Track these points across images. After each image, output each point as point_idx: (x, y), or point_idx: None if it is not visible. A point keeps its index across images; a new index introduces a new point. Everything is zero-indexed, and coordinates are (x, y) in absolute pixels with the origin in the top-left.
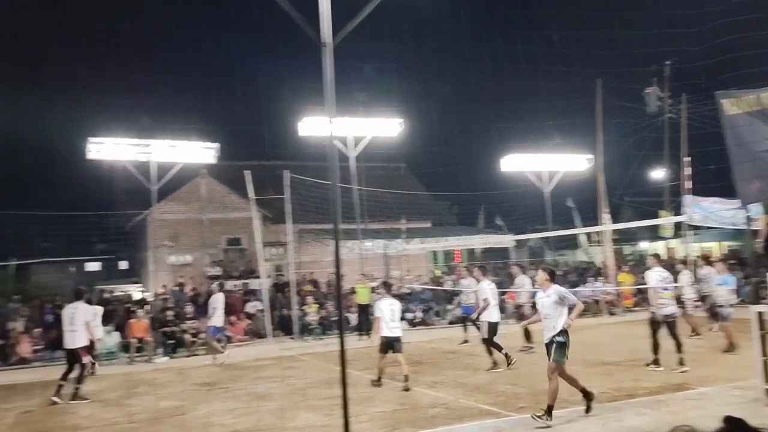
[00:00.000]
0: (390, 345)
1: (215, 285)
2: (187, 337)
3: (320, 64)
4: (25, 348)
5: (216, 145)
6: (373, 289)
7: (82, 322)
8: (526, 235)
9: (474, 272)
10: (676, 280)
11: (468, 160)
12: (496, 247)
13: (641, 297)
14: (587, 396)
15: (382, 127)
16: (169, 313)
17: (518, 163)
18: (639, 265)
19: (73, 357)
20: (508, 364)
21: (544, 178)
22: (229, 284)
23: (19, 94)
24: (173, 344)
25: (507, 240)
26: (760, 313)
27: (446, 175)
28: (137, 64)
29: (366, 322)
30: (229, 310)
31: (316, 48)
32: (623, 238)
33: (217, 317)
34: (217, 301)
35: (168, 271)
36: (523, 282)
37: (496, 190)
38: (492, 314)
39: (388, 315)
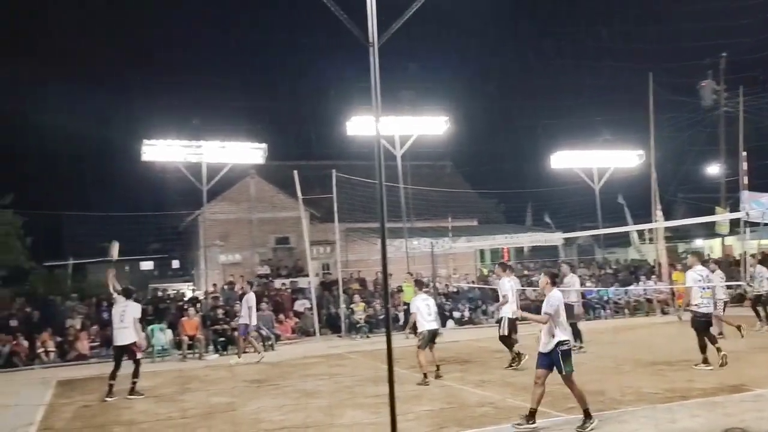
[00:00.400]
0: (432, 339)
1: (246, 284)
2: (237, 334)
3: (367, 64)
4: (82, 345)
5: (264, 145)
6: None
7: (131, 320)
8: (575, 232)
9: (496, 269)
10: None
11: (515, 157)
12: (545, 245)
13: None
14: (587, 414)
15: (428, 125)
16: (219, 311)
17: (567, 159)
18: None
19: (121, 354)
20: (511, 364)
21: (594, 175)
22: (278, 283)
23: (78, 99)
24: (223, 342)
25: (555, 238)
26: None
27: (493, 173)
28: (188, 67)
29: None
30: (278, 308)
31: (362, 48)
32: (677, 235)
33: (249, 316)
34: (250, 299)
35: (218, 269)
36: (572, 281)
37: (544, 188)
38: (512, 311)
39: (425, 310)
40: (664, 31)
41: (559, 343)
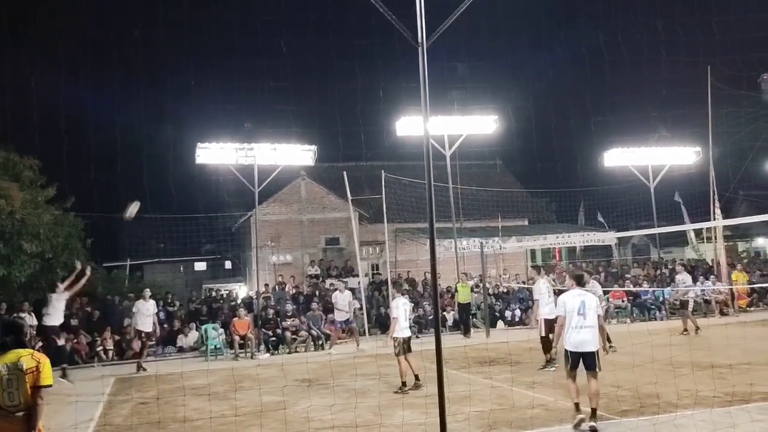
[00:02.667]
0: (408, 345)
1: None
2: (288, 334)
3: (416, 64)
4: (138, 343)
5: (314, 147)
6: (472, 289)
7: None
8: (629, 232)
9: (529, 271)
10: None
11: (567, 155)
12: (598, 245)
13: (756, 297)
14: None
15: (478, 124)
16: (270, 311)
17: (621, 157)
18: (753, 263)
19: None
20: (544, 366)
21: (649, 173)
22: (327, 283)
23: (134, 102)
24: (275, 341)
25: (609, 237)
26: None
27: (544, 172)
28: (241, 70)
29: (466, 320)
30: (328, 308)
31: (412, 48)
32: (737, 234)
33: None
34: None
35: (270, 270)
36: (593, 286)
37: (596, 186)
38: (548, 312)
39: (403, 316)
40: (723, 22)
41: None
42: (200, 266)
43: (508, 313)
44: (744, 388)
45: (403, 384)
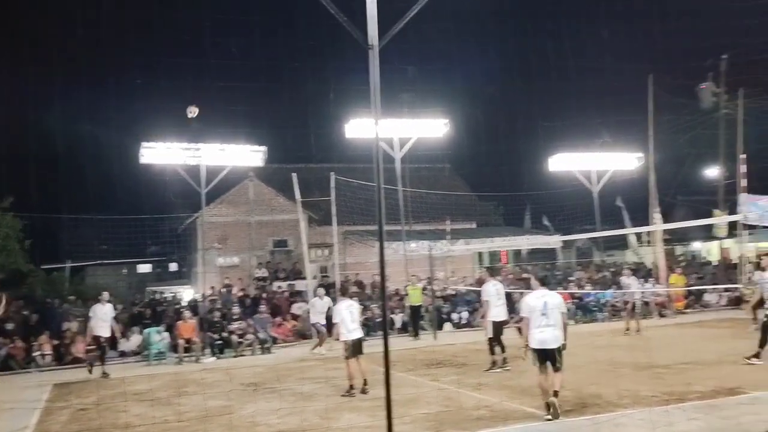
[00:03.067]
0: (358, 348)
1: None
2: (234, 338)
3: (366, 66)
4: (79, 348)
5: (263, 148)
6: (422, 290)
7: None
8: (574, 235)
9: (481, 274)
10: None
11: (514, 159)
12: (543, 247)
13: (693, 298)
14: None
15: (428, 127)
16: (217, 314)
17: (566, 162)
18: (690, 266)
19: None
20: (490, 368)
21: (593, 178)
22: (275, 286)
23: (76, 101)
24: (220, 345)
25: (554, 240)
26: None
27: (492, 176)
28: (188, 69)
29: (417, 322)
30: (276, 311)
31: (362, 50)
32: (675, 238)
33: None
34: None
35: (216, 272)
36: (630, 283)
37: (542, 190)
38: (496, 314)
39: (348, 318)
40: (665, 32)
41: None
42: (144, 268)
43: (455, 316)
44: (681, 388)
45: (351, 387)
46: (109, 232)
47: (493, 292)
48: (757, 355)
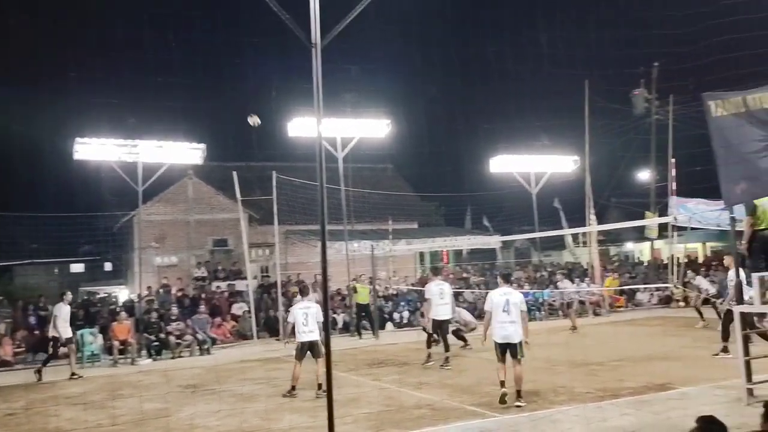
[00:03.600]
0: (307, 350)
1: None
2: (172, 339)
3: (309, 65)
4: (6, 350)
5: (203, 145)
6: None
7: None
8: (513, 236)
9: (421, 273)
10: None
11: (455, 161)
12: (483, 248)
13: (626, 297)
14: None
15: (370, 127)
16: (154, 314)
17: (506, 164)
18: (623, 266)
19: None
20: (426, 361)
21: (532, 179)
22: (215, 285)
23: (6, 95)
24: (158, 346)
25: (493, 241)
26: (742, 314)
27: (433, 176)
28: (124, 63)
29: (363, 321)
30: (215, 311)
31: (305, 49)
32: (609, 239)
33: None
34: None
35: (153, 272)
36: (565, 285)
37: (483, 191)
38: (437, 312)
39: (301, 319)
40: (599, 39)
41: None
42: (77, 268)
43: (396, 315)
44: (614, 384)
45: (292, 389)
46: (40, 231)
47: (436, 291)
48: (725, 350)
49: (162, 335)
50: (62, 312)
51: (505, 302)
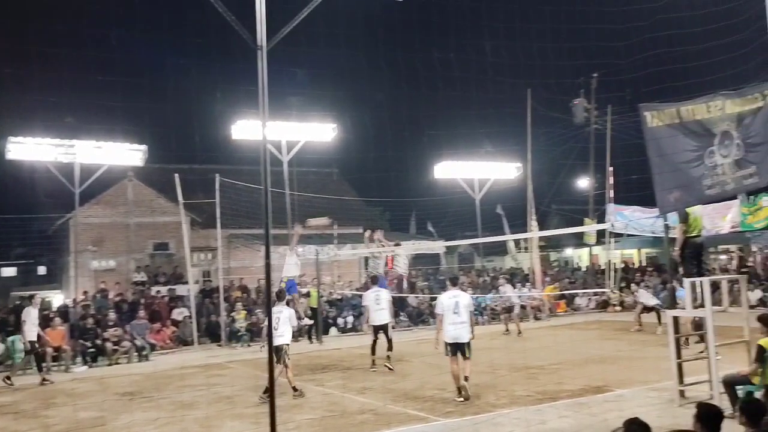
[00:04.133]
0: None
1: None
2: (109, 345)
3: (255, 67)
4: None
5: (144, 147)
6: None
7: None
8: (457, 241)
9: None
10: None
11: (400, 166)
12: (428, 253)
13: (565, 302)
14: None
15: (316, 132)
16: (90, 320)
17: (450, 170)
18: (563, 271)
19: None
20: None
21: (475, 186)
22: (155, 290)
23: None
24: (93, 353)
25: (438, 246)
26: (675, 318)
27: (378, 181)
28: (63, 61)
29: (315, 325)
30: (155, 316)
31: (252, 51)
32: (550, 244)
33: None
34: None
35: (90, 276)
36: (506, 289)
37: (427, 197)
38: (374, 318)
39: (274, 323)
40: (543, 49)
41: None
42: (9, 272)
43: (341, 320)
44: (553, 387)
45: (265, 391)
46: None
47: (372, 298)
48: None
49: (98, 341)
50: (30, 316)
51: (455, 304)
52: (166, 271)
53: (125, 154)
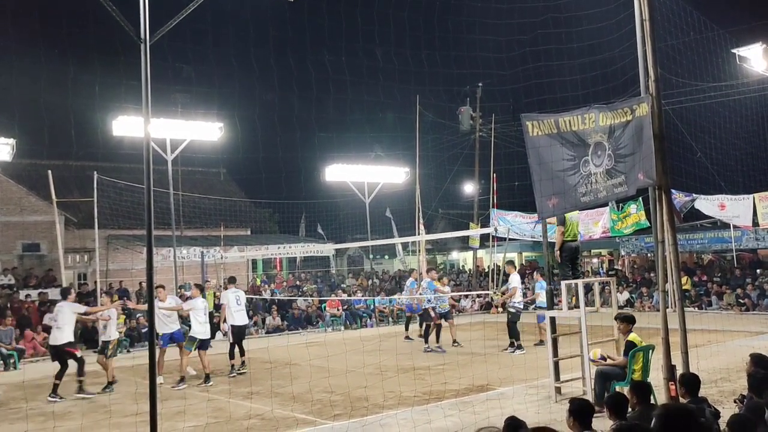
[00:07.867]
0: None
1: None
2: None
3: (138, 61)
4: None
5: (12, 141)
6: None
7: (68, 320)
8: (346, 244)
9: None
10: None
11: (290, 168)
12: (317, 255)
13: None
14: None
15: (202, 130)
16: None
17: (340, 173)
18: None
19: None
20: (240, 369)
21: (365, 189)
22: (23, 294)
23: None
24: None
25: (327, 249)
26: (552, 318)
27: (267, 182)
28: None
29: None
30: (24, 322)
31: (135, 44)
32: (437, 247)
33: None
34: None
35: None
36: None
37: (317, 199)
38: (234, 319)
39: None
40: (432, 57)
41: None
42: None
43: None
44: (439, 387)
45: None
46: None
47: (233, 298)
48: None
49: None
50: None
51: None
52: (38, 273)
53: None
